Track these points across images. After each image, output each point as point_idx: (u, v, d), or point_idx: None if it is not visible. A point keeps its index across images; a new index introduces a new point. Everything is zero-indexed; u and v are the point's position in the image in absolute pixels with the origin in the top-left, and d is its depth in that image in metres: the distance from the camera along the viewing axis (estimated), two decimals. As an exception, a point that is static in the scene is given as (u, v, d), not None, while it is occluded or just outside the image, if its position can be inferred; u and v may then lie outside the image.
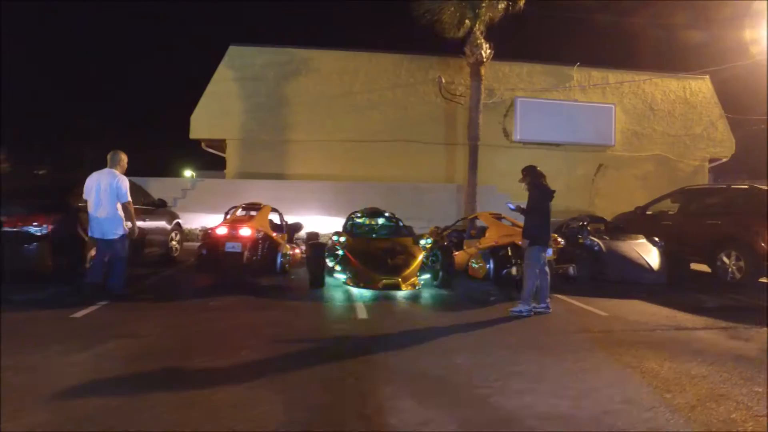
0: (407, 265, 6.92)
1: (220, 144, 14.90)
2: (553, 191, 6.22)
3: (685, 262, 8.42)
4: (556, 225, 10.04)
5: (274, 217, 8.83)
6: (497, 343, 4.79)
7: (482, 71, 13.09)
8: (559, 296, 6.89)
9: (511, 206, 6.57)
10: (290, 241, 8.94)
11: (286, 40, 15.02)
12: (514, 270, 7.38)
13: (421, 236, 7.75)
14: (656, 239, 8.51)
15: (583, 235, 8.78)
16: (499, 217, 9.00)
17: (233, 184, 13.67)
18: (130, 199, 5.92)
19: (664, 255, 8.14)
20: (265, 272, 7.65)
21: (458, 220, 10.16)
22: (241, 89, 14.19)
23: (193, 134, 14.27)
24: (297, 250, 8.45)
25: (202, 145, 15.65)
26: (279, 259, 7.53)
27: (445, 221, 10.38)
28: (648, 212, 10.77)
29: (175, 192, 13.17)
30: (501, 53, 14.24)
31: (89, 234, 5.89)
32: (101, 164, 6.06)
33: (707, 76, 16.01)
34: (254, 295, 6.60)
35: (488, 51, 12.98)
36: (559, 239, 7.94)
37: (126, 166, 6.13)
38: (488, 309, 6.32)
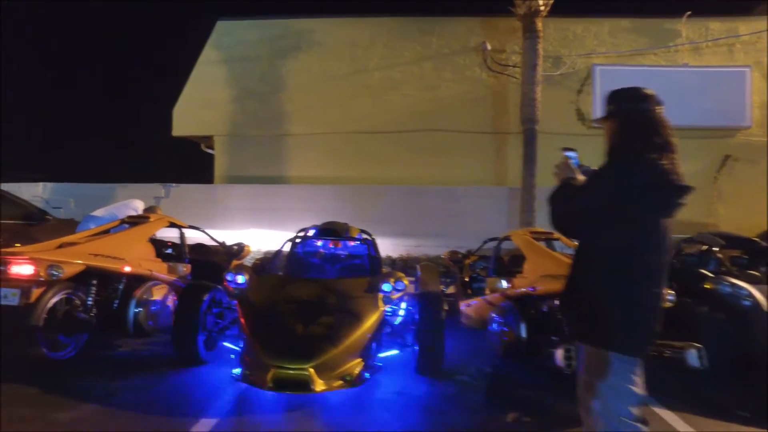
0: (335, 337, 3.38)
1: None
2: (686, 187, 1.92)
3: None
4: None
5: (173, 238, 5.63)
6: None
7: (539, 26, 9.19)
8: (655, 410, 3.07)
9: (574, 159, 2.15)
10: (215, 272, 5.67)
11: (283, 9, 12.00)
12: (560, 353, 3.50)
13: (390, 276, 4.07)
14: None
15: (713, 273, 4.62)
16: (547, 238, 5.10)
17: (215, 190, 10.89)
18: None
19: None
20: (111, 333, 4.50)
21: (486, 241, 6.28)
22: (230, 73, 11.41)
23: (177, 131, 11.73)
24: None
25: (202, 146, 13.12)
26: (131, 312, 4.31)
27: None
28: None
29: (147, 201, 10.53)
30: (571, 7, 10.26)
31: None
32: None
33: None
34: (39, 387, 3.53)
35: (547, -3, 9.08)
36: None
37: None
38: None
